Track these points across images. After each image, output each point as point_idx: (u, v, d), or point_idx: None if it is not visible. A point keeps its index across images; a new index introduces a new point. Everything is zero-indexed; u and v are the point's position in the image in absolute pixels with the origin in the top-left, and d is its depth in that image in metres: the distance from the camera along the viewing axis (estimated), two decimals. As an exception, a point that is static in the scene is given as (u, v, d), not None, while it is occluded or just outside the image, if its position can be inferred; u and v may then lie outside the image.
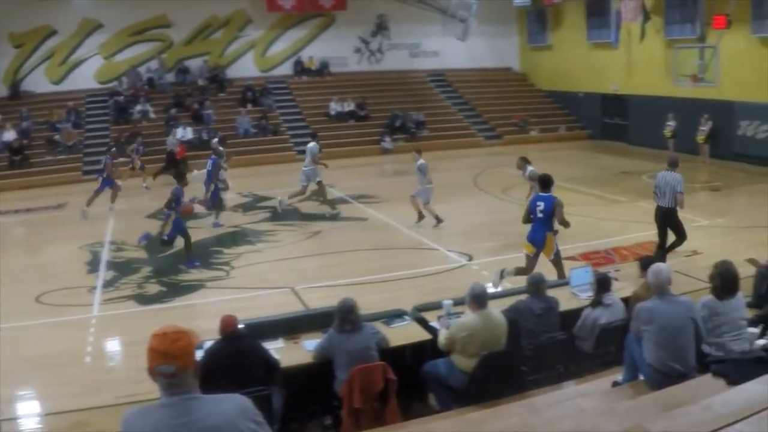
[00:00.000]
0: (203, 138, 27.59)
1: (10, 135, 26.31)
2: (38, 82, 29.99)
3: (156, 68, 31.45)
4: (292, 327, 8.28)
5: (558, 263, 11.45)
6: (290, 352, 7.64)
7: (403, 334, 8.01)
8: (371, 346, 7.13)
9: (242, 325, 7.38)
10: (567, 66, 33.68)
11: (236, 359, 6.80)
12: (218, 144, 20.60)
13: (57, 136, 27.02)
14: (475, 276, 12.84)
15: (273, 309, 10.75)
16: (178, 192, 14.24)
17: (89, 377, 9.45)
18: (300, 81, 33.62)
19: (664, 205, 12.58)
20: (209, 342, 7.09)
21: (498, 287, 11.17)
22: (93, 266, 14.77)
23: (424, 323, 8.31)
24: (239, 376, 6.44)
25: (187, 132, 27.15)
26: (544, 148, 28.60)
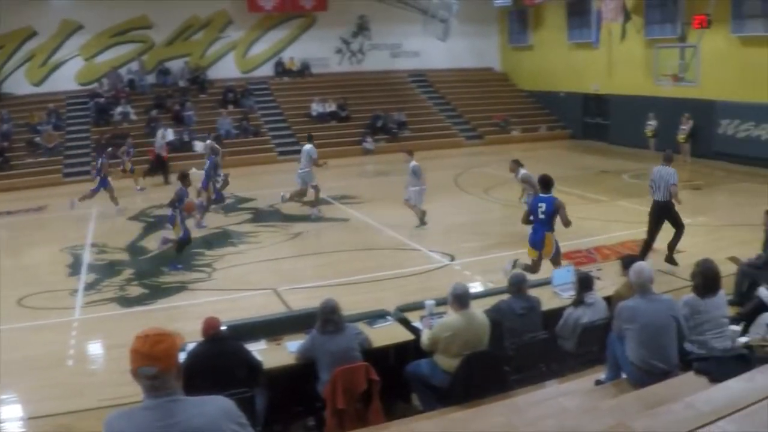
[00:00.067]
0: (184, 139, 27.52)
1: (-10, 137, 26.06)
2: (18, 83, 29.70)
3: (136, 70, 31.29)
4: (274, 328, 8.25)
5: (557, 263, 11.51)
6: (273, 354, 7.61)
7: (386, 334, 8.00)
8: (354, 347, 7.12)
9: (225, 326, 7.35)
10: (548, 66, 33.80)
11: (219, 361, 6.77)
12: (214, 142, 21.09)
13: (38, 138, 26.78)
14: (457, 276, 12.87)
15: (255, 310, 10.74)
16: (182, 192, 14.32)
17: (72, 380, 9.39)
18: (281, 82, 33.57)
19: (660, 198, 12.68)
20: (192, 344, 7.05)
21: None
22: (74, 269, 14.67)
23: (406, 323, 8.31)
24: (222, 378, 6.42)
25: (168, 133, 27.02)
26: (526, 147, 28.65)
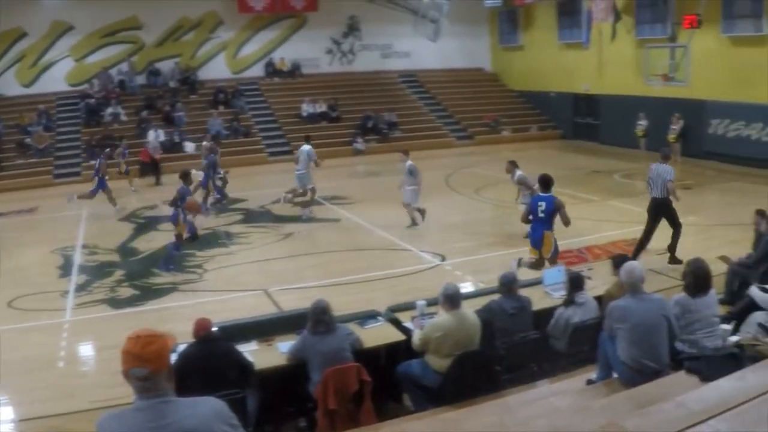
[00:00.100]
0: (175, 140, 27.47)
1: (-20, 139, 25.98)
2: (9, 84, 29.55)
3: (126, 71, 31.19)
4: (265, 329, 8.24)
5: (553, 262, 11.53)
6: (264, 355, 7.60)
7: (377, 334, 7.99)
8: (345, 348, 7.10)
9: (216, 327, 7.33)
10: (538, 66, 33.83)
11: (210, 362, 6.75)
12: (213, 143, 21.73)
13: (28, 140, 26.70)
14: (448, 276, 12.87)
15: (246, 311, 10.68)
16: (184, 191, 14.28)
17: (63, 382, 9.35)
18: (272, 82, 33.54)
19: (657, 195, 12.76)
20: (183, 345, 7.03)
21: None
22: (65, 270, 14.62)
23: (397, 324, 8.30)
24: (213, 379, 6.41)
25: (159, 134, 26.98)
26: (516, 148, 28.66)
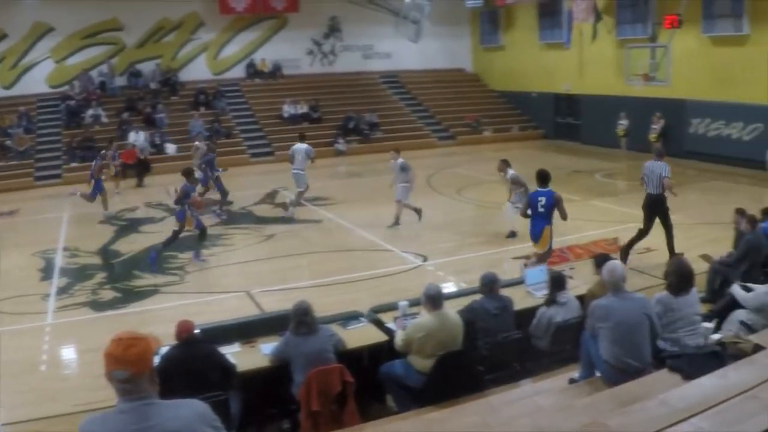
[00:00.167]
0: (156, 142, 27.36)
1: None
2: (-12, 86, 29.45)
3: (106, 72, 31.01)
4: (248, 331, 8.23)
5: (544, 259, 11.57)
6: (247, 356, 7.58)
7: (360, 335, 8.00)
8: (328, 349, 7.10)
9: (198, 329, 7.30)
10: (519, 66, 33.92)
11: (192, 364, 6.73)
12: (211, 142, 21.75)
13: (8, 142, 26.50)
14: (430, 277, 12.88)
15: (229, 313, 10.66)
16: (187, 188, 14.40)
17: (45, 385, 9.29)
18: (253, 83, 33.45)
19: (653, 192, 12.81)
20: (165, 348, 6.98)
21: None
22: (46, 273, 14.51)
23: (380, 324, 8.31)
24: (196, 382, 6.39)
25: (140, 136, 26.85)
26: (498, 148, 28.70)
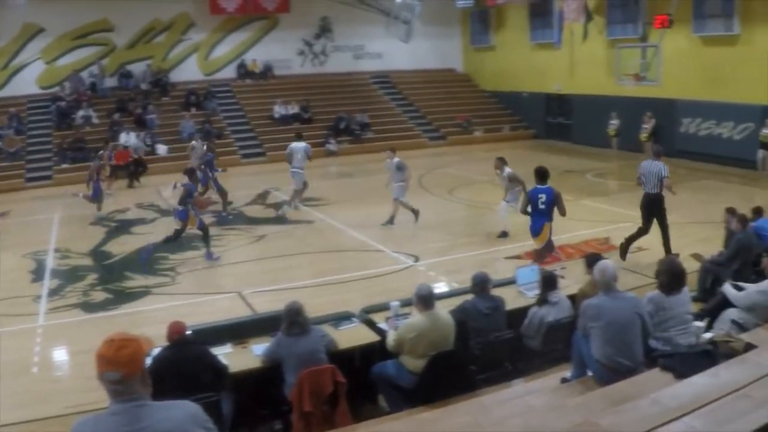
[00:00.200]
0: (147, 143, 27.29)
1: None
2: (-21, 88, 29.30)
3: (96, 73, 30.93)
4: (239, 332, 8.22)
5: (541, 257, 11.56)
6: (239, 357, 7.57)
7: (352, 336, 8.00)
8: (320, 349, 7.10)
9: (190, 331, 7.29)
10: (510, 66, 33.97)
11: (184, 365, 6.72)
12: (209, 142, 22.13)
13: (-1, 143, 26.43)
14: (421, 277, 12.88)
15: (220, 314, 10.62)
16: (190, 188, 14.55)
17: (37, 387, 9.26)
18: (244, 84, 33.42)
19: (651, 191, 12.82)
20: (157, 349, 6.96)
21: None
22: (37, 275, 14.45)
23: (372, 325, 8.31)
24: (188, 383, 6.37)
25: (131, 137, 26.78)
26: (489, 148, 28.64)
